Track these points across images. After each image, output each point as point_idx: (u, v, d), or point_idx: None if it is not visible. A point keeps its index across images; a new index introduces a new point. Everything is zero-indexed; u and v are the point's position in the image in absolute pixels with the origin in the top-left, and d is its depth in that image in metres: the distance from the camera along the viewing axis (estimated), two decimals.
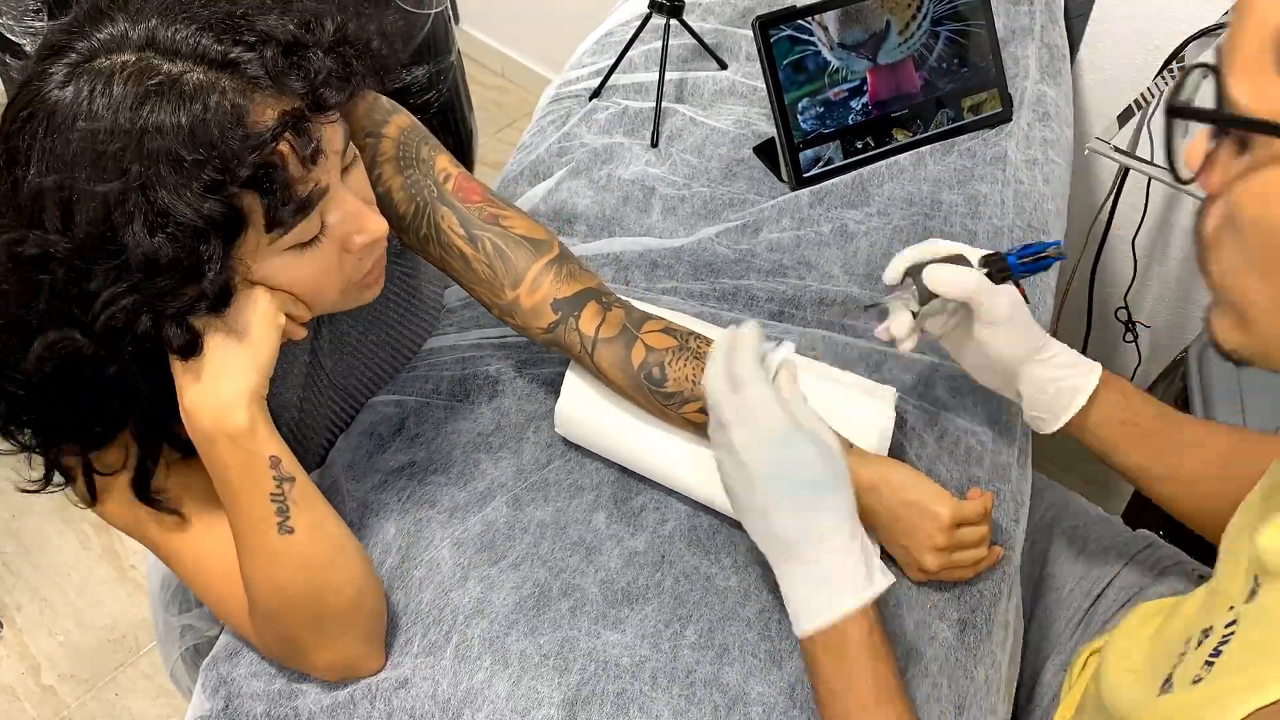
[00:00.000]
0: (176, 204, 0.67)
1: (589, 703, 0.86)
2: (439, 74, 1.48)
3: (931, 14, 1.30)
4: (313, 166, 0.73)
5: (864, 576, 0.77)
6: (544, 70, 2.69)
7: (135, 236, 0.67)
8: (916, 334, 0.93)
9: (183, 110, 0.67)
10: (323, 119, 0.73)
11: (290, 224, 0.72)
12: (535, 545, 0.96)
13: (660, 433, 0.97)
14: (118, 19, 0.70)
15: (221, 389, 0.74)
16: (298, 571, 0.79)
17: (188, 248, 0.68)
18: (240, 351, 0.75)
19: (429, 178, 0.92)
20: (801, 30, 1.26)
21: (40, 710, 1.72)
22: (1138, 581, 1.05)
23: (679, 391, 0.92)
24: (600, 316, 0.94)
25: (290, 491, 0.78)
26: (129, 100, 0.67)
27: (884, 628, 0.78)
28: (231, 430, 0.75)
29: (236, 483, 0.77)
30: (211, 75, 0.69)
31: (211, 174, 0.67)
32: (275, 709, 0.87)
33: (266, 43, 0.71)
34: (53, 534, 1.92)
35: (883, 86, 1.31)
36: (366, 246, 0.79)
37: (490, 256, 0.92)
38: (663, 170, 1.31)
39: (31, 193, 0.68)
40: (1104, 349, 1.89)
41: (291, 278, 0.77)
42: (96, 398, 0.76)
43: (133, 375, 0.75)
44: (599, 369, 0.94)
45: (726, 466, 0.82)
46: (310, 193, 0.73)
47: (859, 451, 0.92)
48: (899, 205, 1.26)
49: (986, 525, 0.91)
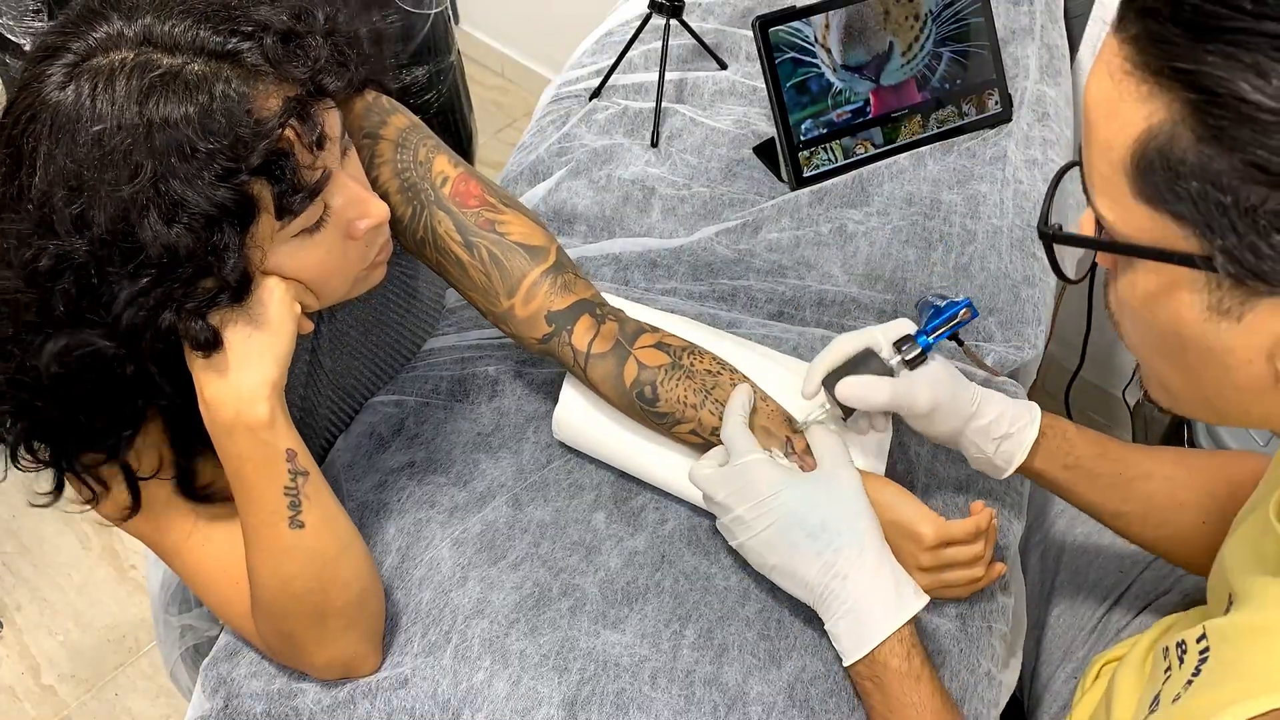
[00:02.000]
0: (190, 195, 0.67)
1: (589, 702, 0.86)
2: (439, 74, 1.48)
3: (935, 35, 1.30)
4: (320, 151, 0.74)
5: (894, 604, 0.80)
6: (544, 70, 2.69)
7: (152, 230, 0.68)
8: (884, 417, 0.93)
9: (189, 102, 0.68)
10: (324, 105, 0.74)
11: (300, 208, 0.73)
12: (535, 545, 0.96)
13: (658, 440, 0.97)
14: (112, 17, 0.70)
15: (243, 381, 0.75)
16: (305, 566, 0.79)
17: (204, 238, 0.69)
18: (261, 342, 0.75)
19: (426, 180, 0.91)
20: (805, 53, 1.26)
21: (40, 710, 1.73)
22: (1153, 590, 1.04)
23: (670, 412, 0.92)
24: (594, 330, 0.93)
25: (303, 486, 0.79)
26: (133, 96, 0.67)
27: (924, 649, 0.80)
28: (252, 422, 0.75)
29: (252, 475, 0.77)
30: (213, 66, 0.69)
31: (224, 163, 0.68)
32: (275, 708, 0.87)
33: (265, 32, 0.71)
34: (52, 534, 1.92)
35: (885, 108, 1.31)
36: (371, 230, 0.80)
37: (486, 264, 0.92)
38: (663, 170, 1.31)
39: (40, 196, 0.68)
40: (1104, 349, 1.89)
41: (300, 264, 0.77)
42: (117, 399, 0.77)
43: (152, 374, 0.75)
44: (592, 384, 0.94)
45: (745, 544, 0.86)
46: (318, 177, 0.73)
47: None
48: (898, 205, 1.27)
49: (980, 544, 0.89)
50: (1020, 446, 0.89)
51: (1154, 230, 0.53)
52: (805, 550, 0.82)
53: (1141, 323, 0.59)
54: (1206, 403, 0.59)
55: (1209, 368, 0.55)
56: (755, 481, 0.84)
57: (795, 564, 0.83)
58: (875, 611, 0.80)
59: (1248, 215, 0.48)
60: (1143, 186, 0.52)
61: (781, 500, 0.84)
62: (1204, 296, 0.53)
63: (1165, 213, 0.52)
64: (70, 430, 0.78)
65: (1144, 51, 0.51)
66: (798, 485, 0.84)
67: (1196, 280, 0.52)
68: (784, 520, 0.83)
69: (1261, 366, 0.53)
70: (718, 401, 0.91)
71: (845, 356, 0.90)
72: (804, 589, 0.84)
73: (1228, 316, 0.52)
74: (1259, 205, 0.48)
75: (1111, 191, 0.54)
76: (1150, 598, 1.04)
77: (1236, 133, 0.48)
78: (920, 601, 0.81)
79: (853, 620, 0.81)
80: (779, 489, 0.84)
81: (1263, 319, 0.51)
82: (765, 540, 0.84)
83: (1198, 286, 0.53)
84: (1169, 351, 0.58)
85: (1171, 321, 0.55)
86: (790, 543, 0.83)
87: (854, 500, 0.84)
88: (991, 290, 1.18)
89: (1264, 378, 0.53)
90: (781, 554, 0.84)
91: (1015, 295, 1.18)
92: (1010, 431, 0.89)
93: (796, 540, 0.83)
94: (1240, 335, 0.52)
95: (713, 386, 0.92)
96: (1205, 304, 0.53)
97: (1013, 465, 0.90)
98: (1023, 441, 0.89)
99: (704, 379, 0.92)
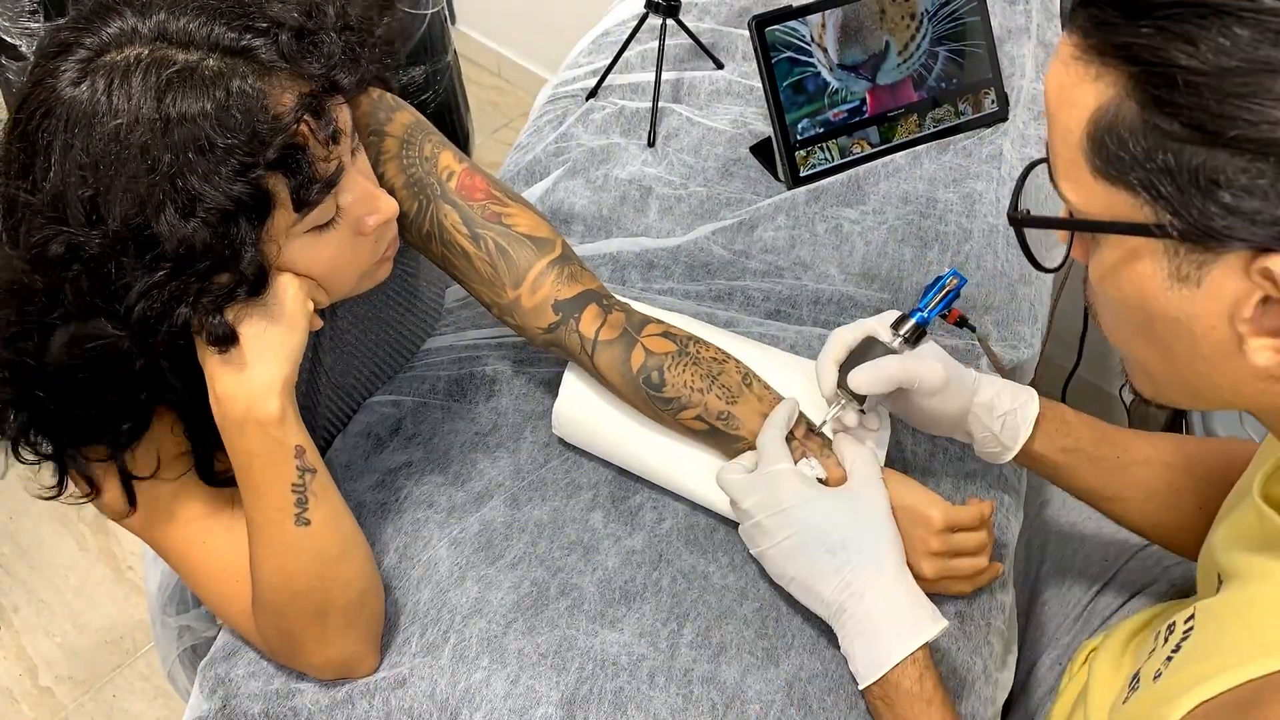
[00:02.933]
0: (207, 190, 0.68)
1: (587, 701, 0.86)
2: (435, 74, 1.48)
3: (931, 35, 1.30)
4: (335, 146, 0.74)
5: (909, 627, 0.80)
6: (540, 70, 2.69)
7: (168, 224, 0.68)
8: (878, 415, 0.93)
9: (206, 97, 0.68)
10: (336, 101, 0.75)
11: (317, 200, 0.73)
12: (533, 544, 0.96)
13: (659, 435, 0.97)
14: (125, 13, 0.71)
15: (255, 376, 0.75)
16: (309, 563, 0.80)
17: (220, 231, 0.69)
18: (275, 337, 0.76)
19: (432, 175, 0.92)
20: (802, 52, 1.26)
21: (38, 712, 1.72)
22: (1139, 577, 1.05)
23: (677, 397, 0.92)
24: (601, 319, 0.94)
25: (311, 483, 0.79)
26: (150, 91, 0.68)
27: (938, 672, 0.80)
28: (263, 418, 0.75)
29: (260, 471, 0.77)
30: (228, 62, 0.70)
31: (241, 157, 0.68)
32: (273, 708, 0.87)
33: (279, 28, 0.72)
34: (50, 535, 1.92)
35: (881, 108, 1.31)
36: (380, 226, 0.81)
37: (493, 255, 0.92)
38: (659, 170, 1.31)
39: (54, 190, 0.69)
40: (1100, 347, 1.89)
41: (312, 260, 0.78)
42: (125, 393, 0.77)
43: (162, 369, 0.75)
44: (598, 370, 0.94)
45: (765, 552, 0.86)
46: (333, 172, 0.74)
47: None
48: (894, 204, 1.27)
49: (985, 533, 0.90)
50: (1025, 422, 0.89)
51: (1112, 205, 0.56)
52: (824, 566, 0.82)
53: (1114, 303, 0.61)
54: (1184, 383, 0.61)
55: (1179, 339, 0.58)
56: (780, 491, 0.84)
57: (813, 578, 0.83)
58: (889, 634, 0.80)
59: (1192, 176, 0.52)
60: (1099, 163, 0.56)
61: (805, 513, 0.84)
62: (1164, 265, 0.55)
63: (1120, 185, 0.55)
64: (72, 424, 0.78)
65: (1089, 35, 0.55)
66: (823, 500, 0.84)
67: (1156, 249, 0.56)
68: (804, 533, 0.83)
69: (1224, 331, 0.55)
70: (724, 387, 0.92)
71: (847, 348, 0.90)
72: (820, 604, 0.84)
73: (1188, 283, 0.55)
74: (1200, 165, 0.51)
75: (1074, 174, 0.57)
76: (1137, 586, 1.04)
77: (1173, 98, 0.51)
78: (937, 627, 0.80)
79: (866, 641, 0.81)
80: (803, 501, 0.84)
81: (1219, 282, 0.54)
82: (785, 551, 0.84)
83: (1157, 255, 0.56)
84: (1141, 330, 0.60)
85: (1137, 295, 0.58)
86: (809, 557, 0.83)
87: (878, 520, 0.84)
88: (988, 289, 1.18)
89: (1228, 343, 0.55)
90: (800, 567, 0.84)
91: (1012, 294, 1.18)
92: (1013, 407, 0.90)
93: (815, 555, 0.83)
94: (1202, 301, 0.55)
95: (719, 373, 0.93)
96: (1166, 272, 0.56)
97: (1018, 442, 0.90)
98: (1026, 417, 0.89)
99: (710, 365, 0.93)
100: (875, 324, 0.91)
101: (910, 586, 0.82)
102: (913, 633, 0.79)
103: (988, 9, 1.33)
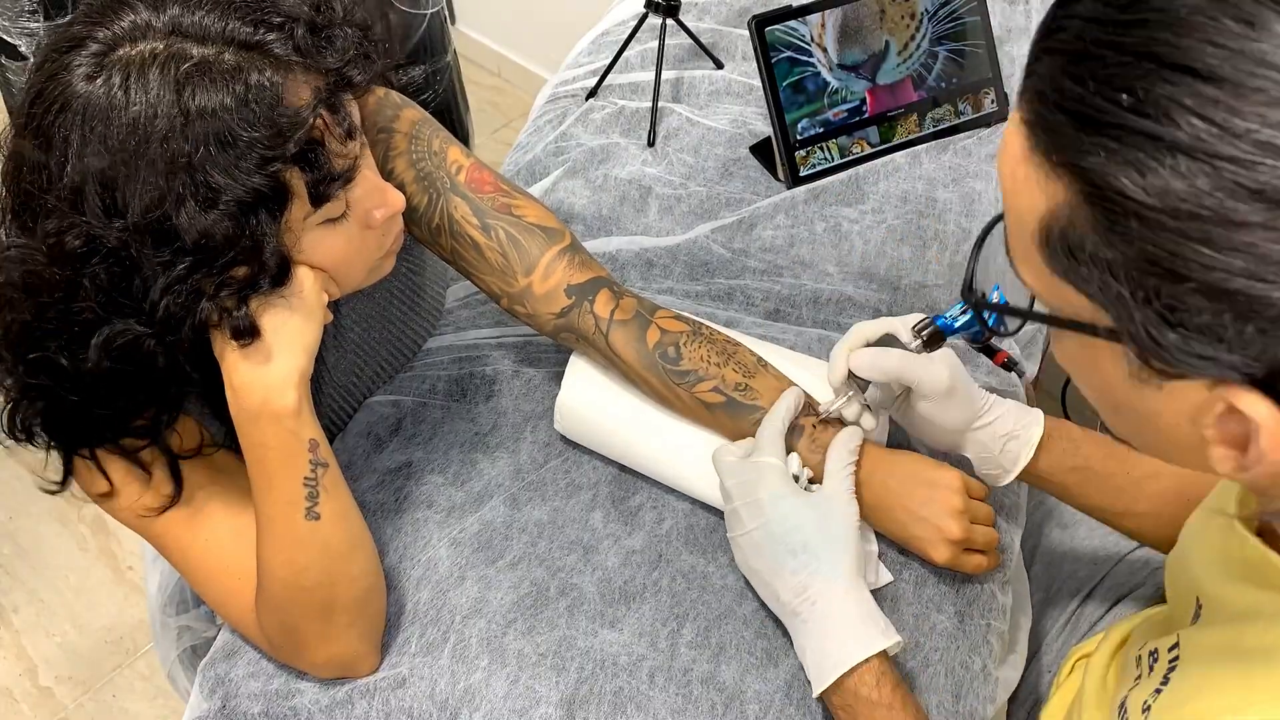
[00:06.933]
0: (227, 183, 0.68)
1: (587, 701, 0.86)
2: (435, 74, 1.48)
3: (931, 34, 1.30)
4: (351, 140, 0.75)
5: (858, 638, 0.80)
6: (540, 70, 2.69)
7: (189, 217, 0.68)
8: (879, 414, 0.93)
9: (226, 91, 0.69)
10: (349, 96, 0.75)
11: (335, 193, 0.74)
12: (533, 544, 0.96)
13: (664, 427, 0.97)
14: (138, 8, 0.71)
15: (272, 369, 0.75)
16: (317, 558, 0.80)
17: (241, 224, 0.69)
18: (293, 329, 0.76)
19: (441, 170, 0.93)
20: (801, 52, 1.26)
21: (37, 712, 1.72)
22: (1128, 581, 1.04)
23: (694, 369, 0.93)
24: (614, 302, 0.95)
25: (323, 477, 0.79)
26: (169, 85, 0.68)
27: (896, 676, 0.80)
28: (279, 410, 0.76)
29: (273, 464, 0.78)
30: (244, 56, 0.70)
31: (263, 151, 0.69)
32: (273, 708, 0.87)
33: (294, 23, 0.73)
34: (50, 535, 1.92)
35: (881, 107, 1.31)
36: (388, 220, 0.81)
37: (503, 244, 0.93)
38: (659, 170, 1.31)
39: (73, 184, 0.69)
40: None
41: (324, 252, 0.78)
42: (154, 387, 0.77)
43: (180, 364, 0.75)
44: (613, 350, 0.95)
45: (736, 539, 0.87)
46: (349, 166, 0.75)
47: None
48: (894, 203, 1.27)
49: (990, 509, 0.92)
50: (1026, 445, 0.89)
51: (1071, 302, 0.52)
52: (784, 565, 0.83)
53: (1080, 381, 0.59)
54: (1162, 450, 0.59)
55: (1147, 424, 0.55)
56: (759, 483, 0.85)
57: (772, 575, 0.84)
58: (837, 643, 0.80)
59: (1147, 305, 0.48)
60: (1053, 263, 0.52)
61: (774, 509, 0.84)
62: (1124, 365, 0.52)
63: (1078, 289, 0.51)
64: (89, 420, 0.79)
65: (1037, 138, 0.50)
66: (793, 500, 0.85)
67: (1115, 350, 0.52)
68: (770, 530, 0.84)
69: (1188, 430, 0.52)
70: (740, 364, 0.93)
71: (865, 340, 0.90)
72: (775, 602, 0.86)
73: (1148, 384, 0.52)
74: (1158, 292, 0.47)
75: (1031, 261, 0.54)
76: (1124, 590, 1.03)
77: (1126, 226, 0.47)
78: (887, 640, 0.80)
79: (815, 647, 0.82)
80: (776, 498, 0.85)
81: (1180, 388, 0.51)
82: (753, 541, 0.85)
83: (1117, 356, 0.52)
84: (1109, 409, 0.58)
85: (1101, 384, 0.56)
86: (773, 553, 0.84)
87: (841, 530, 0.84)
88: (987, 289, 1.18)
89: (1193, 439, 0.53)
90: (765, 560, 0.85)
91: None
92: (1016, 431, 0.89)
93: (778, 553, 0.84)
94: (1164, 400, 0.52)
95: (733, 351, 0.94)
96: (1127, 372, 0.52)
97: (1018, 465, 0.89)
98: (1029, 440, 0.89)
99: (724, 345, 0.95)
100: (898, 323, 0.91)
101: (865, 599, 0.82)
102: (864, 643, 0.79)
103: (988, 9, 1.33)
